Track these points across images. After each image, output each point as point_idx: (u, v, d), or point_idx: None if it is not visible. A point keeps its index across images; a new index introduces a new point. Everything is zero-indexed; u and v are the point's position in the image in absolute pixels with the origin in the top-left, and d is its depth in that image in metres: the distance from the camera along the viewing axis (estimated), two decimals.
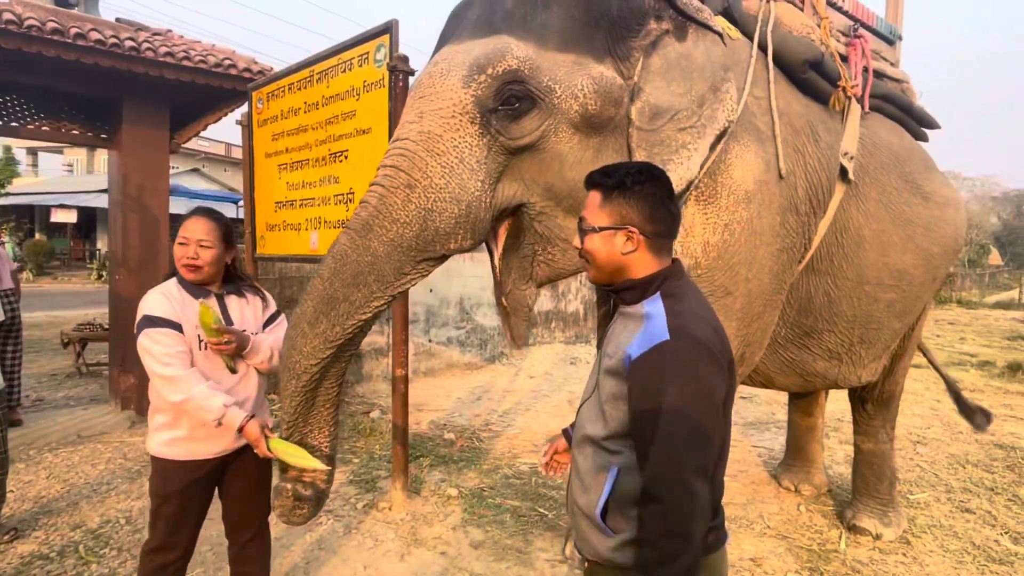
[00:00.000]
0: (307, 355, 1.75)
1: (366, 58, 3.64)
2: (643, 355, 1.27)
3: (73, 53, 4.44)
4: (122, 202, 5.35)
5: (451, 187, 1.74)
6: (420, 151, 1.76)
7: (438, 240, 1.77)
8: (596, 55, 1.89)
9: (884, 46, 3.33)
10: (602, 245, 1.38)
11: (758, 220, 2.19)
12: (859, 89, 2.72)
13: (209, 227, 2.08)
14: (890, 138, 2.89)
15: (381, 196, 1.75)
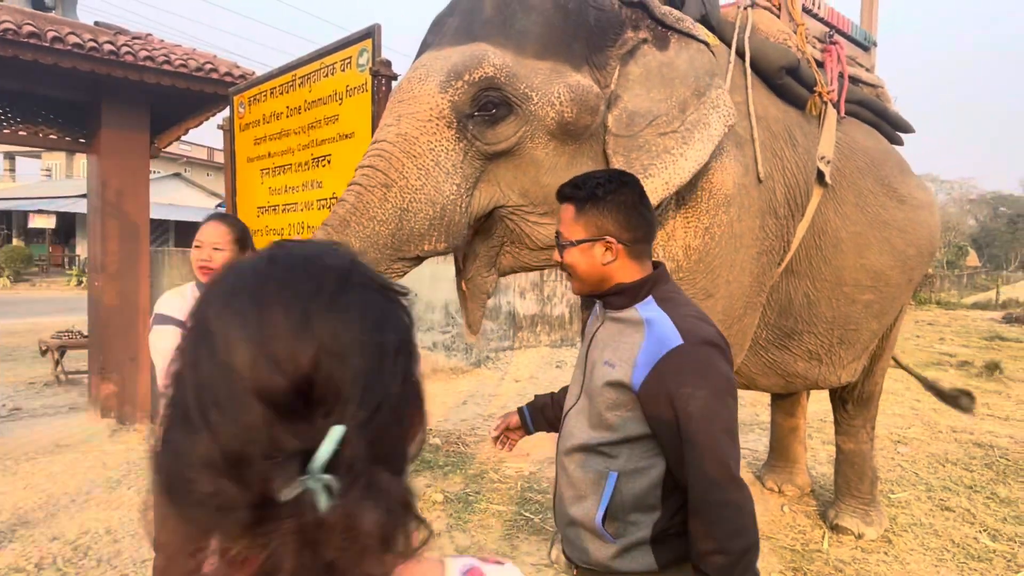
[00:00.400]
0: None
1: (349, 62, 3.63)
2: (661, 362, 1.27)
3: (50, 57, 4.39)
4: (101, 208, 5.29)
5: (426, 189, 1.77)
6: (397, 152, 1.78)
7: (412, 240, 1.80)
8: (574, 63, 1.92)
9: (859, 52, 3.40)
10: (581, 258, 1.38)
11: (738, 223, 2.22)
12: (835, 94, 2.78)
13: (222, 231, 2.17)
14: (866, 142, 2.95)
15: (359, 194, 1.77)
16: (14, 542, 3.22)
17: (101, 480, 4.11)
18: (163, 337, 2.06)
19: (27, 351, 8.77)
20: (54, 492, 3.90)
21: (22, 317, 12.12)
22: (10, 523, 3.44)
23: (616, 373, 1.34)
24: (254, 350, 0.48)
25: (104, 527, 3.40)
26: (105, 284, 5.36)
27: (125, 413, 5.39)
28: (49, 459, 4.48)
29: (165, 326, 2.08)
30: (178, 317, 2.09)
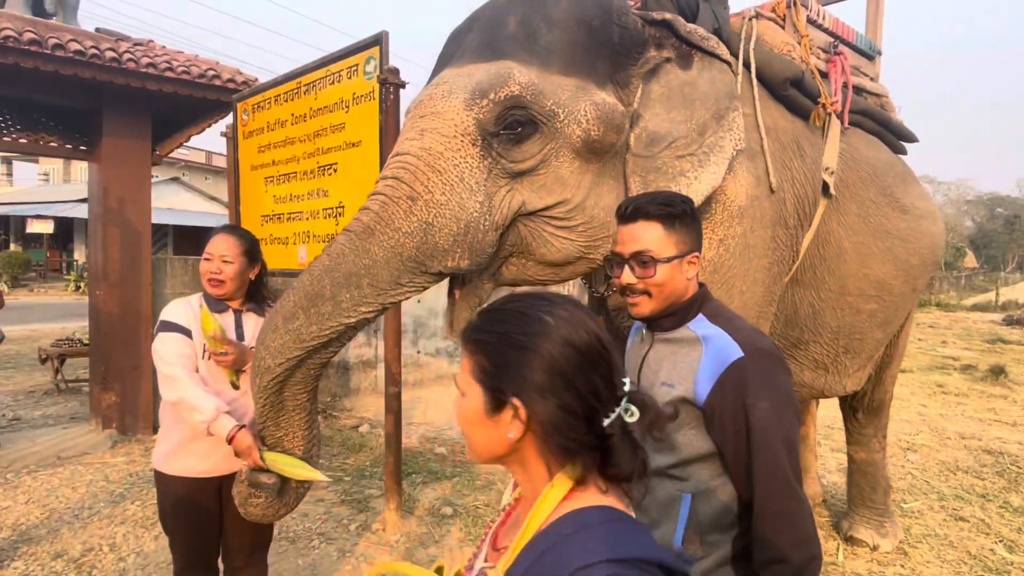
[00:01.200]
0: (273, 352, 1.68)
1: (355, 70, 3.58)
2: (724, 375, 1.30)
3: (51, 64, 4.34)
4: (102, 215, 5.23)
5: (451, 205, 1.73)
6: (422, 166, 1.74)
7: (436, 256, 1.75)
8: (598, 81, 1.90)
9: (864, 61, 3.39)
10: (672, 274, 1.41)
11: (751, 235, 2.22)
12: (839, 105, 2.78)
13: (231, 243, 2.16)
14: (869, 152, 2.96)
15: (384, 204, 1.72)
16: (16, 560, 3.16)
17: (104, 494, 4.05)
18: (166, 343, 2.06)
19: (26, 359, 8.70)
20: (56, 507, 3.84)
21: (20, 323, 12.04)
22: (12, 540, 3.38)
23: (677, 391, 1.36)
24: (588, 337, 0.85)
25: (108, 544, 3.34)
26: (107, 292, 5.31)
27: (127, 424, 5.32)
28: (50, 472, 4.42)
29: (170, 333, 2.07)
30: (183, 325, 2.09)
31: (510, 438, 0.84)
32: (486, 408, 0.85)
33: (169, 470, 2.11)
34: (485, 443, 0.87)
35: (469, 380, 0.86)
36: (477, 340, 0.86)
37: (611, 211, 1.92)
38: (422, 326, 7.75)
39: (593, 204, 1.90)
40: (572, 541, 0.78)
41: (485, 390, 0.85)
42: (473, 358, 0.86)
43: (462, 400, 0.88)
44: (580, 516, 0.81)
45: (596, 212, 1.91)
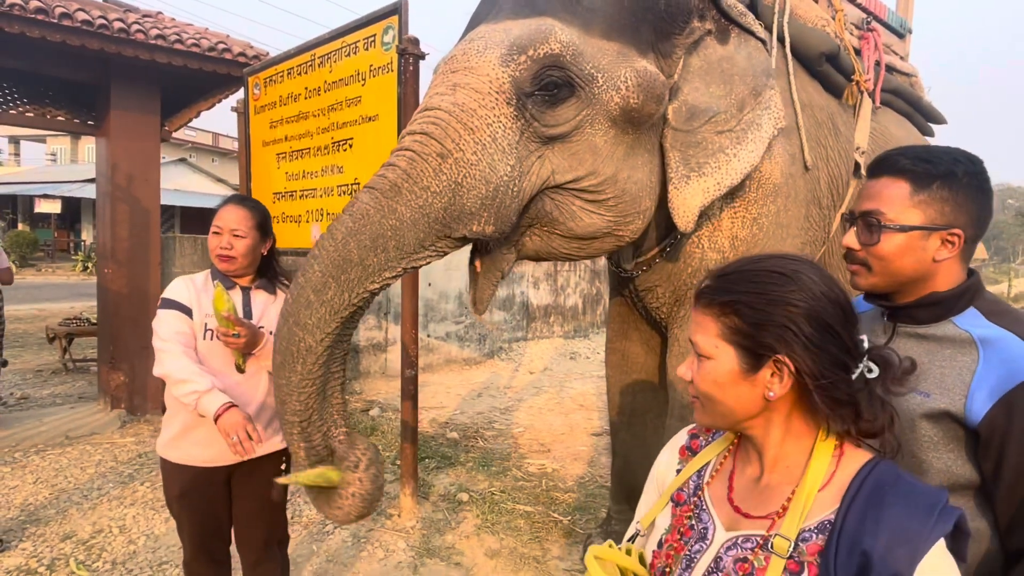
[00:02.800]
0: (313, 329, 1.49)
1: (373, 41, 3.44)
2: (1014, 394, 1.03)
3: (58, 34, 4.21)
4: (111, 192, 5.12)
5: (482, 166, 1.62)
6: (454, 122, 1.63)
7: (463, 219, 1.64)
8: (640, 48, 1.83)
9: (895, 39, 3.34)
10: (907, 249, 1.13)
11: (784, 213, 2.18)
12: (871, 83, 2.71)
13: (243, 215, 1.99)
14: (898, 133, 2.89)
15: (411, 160, 1.60)
16: (25, 541, 3.09)
17: (113, 475, 3.98)
18: (163, 320, 1.95)
19: (34, 338, 8.66)
20: (65, 487, 3.77)
21: (28, 303, 12.01)
22: (20, 520, 3.31)
23: (938, 403, 1.10)
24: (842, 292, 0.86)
25: (118, 525, 3.27)
26: (115, 271, 5.21)
27: (135, 404, 5.25)
28: (59, 452, 4.35)
29: (168, 311, 1.96)
30: (182, 302, 1.97)
31: (770, 397, 0.85)
32: (742, 368, 0.85)
33: (172, 457, 1.99)
34: (737, 404, 0.87)
35: (717, 342, 0.86)
36: (726, 302, 0.86)
37: (643, 186, 1.87)
38: (432, 309, 7.65)
39: (626, 177, 1.82)
40: (907, 484, 0.81)
41: (740, 350, 0.85)
42: (721, 320, 0.86)
43: (708, 363, 0.87)
44: (885, 464, 0.84)
45: (628, 186, 1.83)
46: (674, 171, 1.91)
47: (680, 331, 2.30)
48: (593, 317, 10.62)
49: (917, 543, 0.75)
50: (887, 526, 0.77)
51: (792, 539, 0.81)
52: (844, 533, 0.78)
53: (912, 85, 3.20)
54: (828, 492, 0.84)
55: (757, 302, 0.84)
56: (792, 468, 0.89)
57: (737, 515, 0.90)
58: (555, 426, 5.44)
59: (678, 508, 0.96)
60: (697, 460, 1.00)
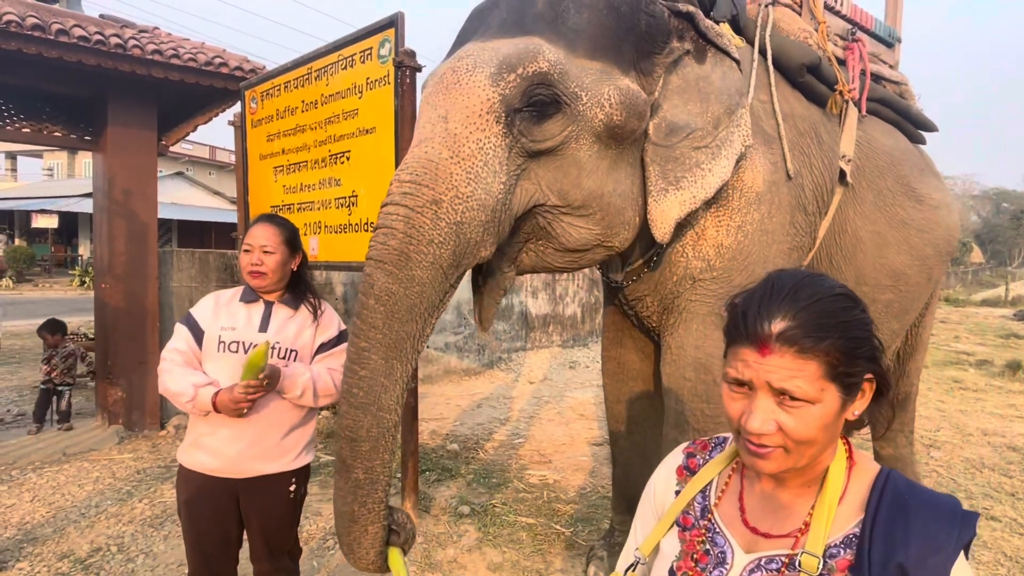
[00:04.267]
0: (393, 408, 1.60)
1: (369, 54, 3.45)
2: None
3: (55, 51, 4.22)
4: (108, 207, 5.12)
5: (477, 194, 1.68)
6: (444, 159, 1.68)
7: (470, 251, 1.71)
8: (622, 67, 1.91)
9: (883, 49, 3.35)
10: None
11: (769, 220, 2.25)
12: (856, 92, 2.76)
13: (271, 232, 2.07)
14: (886, 141, 2.94)
15: (408, 218, 1.63)
16: (22, 560, 3.06)
17: (111, 492, 3.95)
18: (174, 336, 2.04)
19: (31, 353, 8.61)
20: (62, 504, 3.73)
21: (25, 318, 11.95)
22: (17, 539, 3.28)
23: None
24: None
25: (116, 544, 3.24)
26: (112, 285, 5.20)
27: (133, 420, 5.22)
28: (56, 469, 4.32)
29: (179, 326, 2.05)
30: (196, 319, 2.04)
31: (855, 415, 0.85)
32: (843, 401, 0.83)
33: (185, 462, 2.04)
34: (830, 439, 0.85)
35: (823, 385, 0.80)
36: (824, 344, 0.80)
37: (627, 198, 1.97)
38: None
39: (611, 191, 1.90)
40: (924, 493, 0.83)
41: (841, 385, 0.82)
42: (823, 360, 0.80)
43: (812, 408, 0.80)
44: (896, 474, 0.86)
45: (612, 199, 1.91)
46: (653, 184, 1.98)
47: (672, 339, 2.33)
48: (592, 326, 10.61)
49: (948, 551, 0.77)
50: (917, 536, 0.78)
51: (820, 555, 0.80)
52: (875, 546, 0.78)
53: (902, 94, 3.24)
54: (847, 505, 0.84)
55: (850, 331, 0.82)
56: (808, 482, 0.87)
57: (755, 535, 0.88)
58: (555, 436, 5.42)
59: (687, 532, 0.94)
60: (698, 480, 0.97)
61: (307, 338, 2.09)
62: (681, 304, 2.30)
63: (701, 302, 2.26)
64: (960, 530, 0.78)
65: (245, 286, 2.11)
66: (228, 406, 1.87)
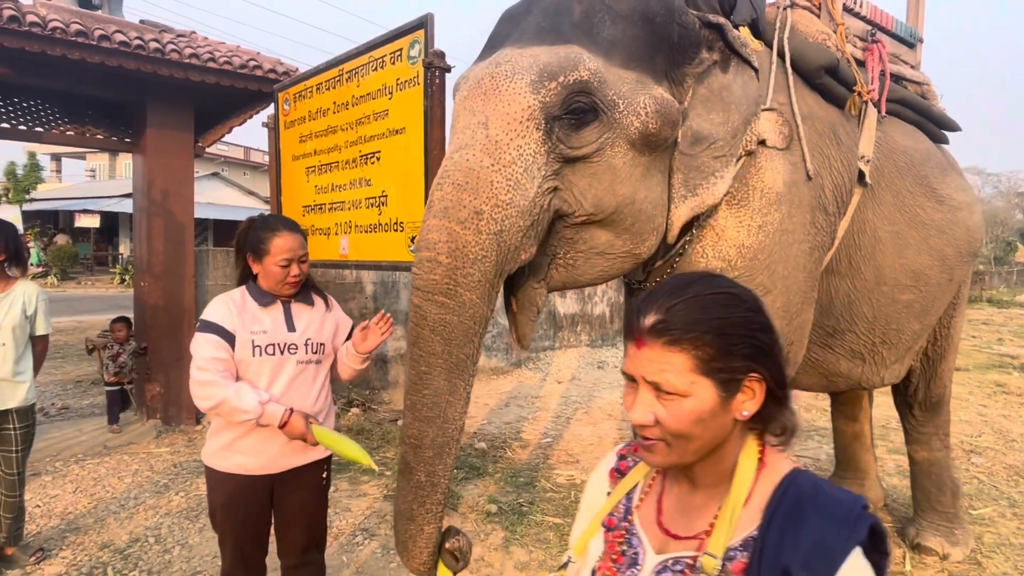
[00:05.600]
0: (457, 419, 1.69)
1: (399, 55, 3.49)
2: None
3: (98, 56, 4.35)
4: (147, 208, 5.26)
5: (516, 201, 1.72)
6: (486, 167, 1.71)
7: (511, 257, 1.74)
8: (655, 77, 1.94)
9: (904, 49, 3.31)
10: None
11: (789, 220, 2.27)
12: (876, 93, 2.75)
13: (300, 239, 2.10)
14: (906, 142, 2.93)
15: (451, 238, 1.66)
16: (65, 549, 3.17)
17: (149, 484, 4.06)
18: (202, 345, 1.97)
19: (74, 348, 8.91)
20: (103, 496, 3.85)
21: (69, 315, 12.37)
22: (60, 529, 3.40)
23: None
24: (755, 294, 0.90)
25: (153, 536, 3.33)
26: (151, 284, 5.34)
27: (171, 415, 5.36)
28: (97, 461, 4.46)
29: (207, 334, 1.98)
30: (223, 326, 1.99)
31: (744, 416, 0.84)
32: (721, 397, 0.83)
33: (220, 467, 2.05)
34: (715, 436, 0.85)
35: (693, 378, 0.82)
36: (692, 336, 0.81)
37: (656, 204, 1.99)
38: None
39: (643, 198, 1.93)
40: (824, 495, 0.81)
41: (716, 380, 0.82)
42: (691, 354, 0.81)
43: (684, 402, 0.82)
44: (803, 476, 0.85)
45: (643, 206, 1.94)
46: (676, 192, 2.03)
47: None
48: (620, 325, 10.54)
49: (834, 554, 0.76)
50: (806, 539, 0.77)
51: (719, 557, 0.80)
52: (766, 549, 0.78)
53: (923, 94, 3.21)
54: (752, 507, 0.83)
55: (725, 327, 0.82)
56: (718, 482, 0.88)
57: (667, 537, 0.89)
58: (583, 436, 5.40)
59: (610, 534, 0.94)
60: (626, 482, 0.98)
61: (329, 329, 2.21)
62: None
63: None
64: (851, 532, 0.77)
65: (254, 289, 2.10)
66: (294, 435, 1.93)
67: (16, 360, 2.91)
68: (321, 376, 2.17)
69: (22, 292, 2.96)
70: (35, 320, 3.01)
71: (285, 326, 2.08)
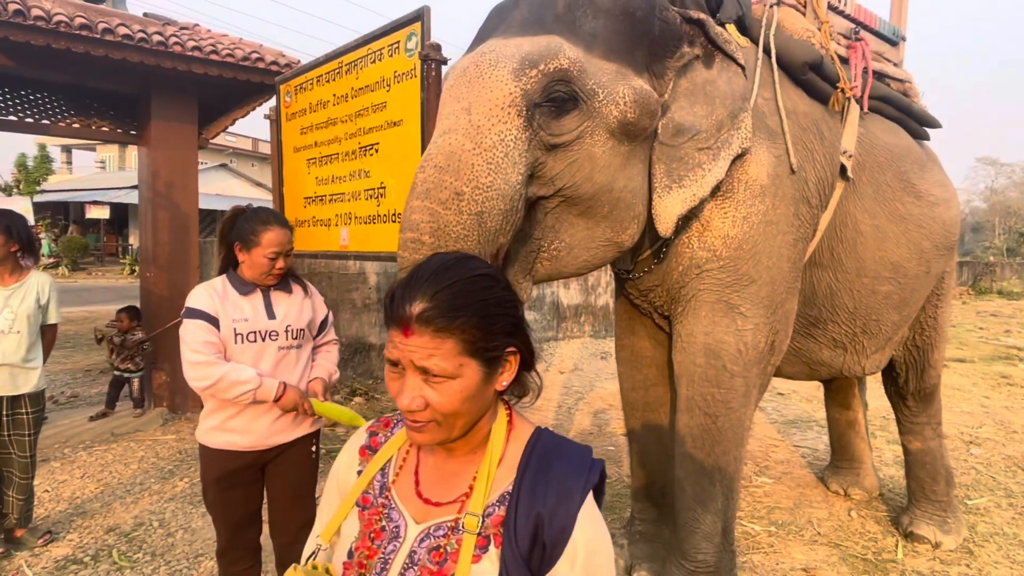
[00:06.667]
0: None
1: (397, 47, 3.52)
2: None
3: (101, 49, 4.40)
4: (152, 199, 5.33)
5: (497, 184, 1.76)
6: (467, 150, 1.75)
7: (490, 240, 1.78)
8: (636, 69, 2.01)
9: (887, 47, 3.37)
10: None
11: (773, 211, 2.33)
12: (858, 90, 2.81)
13: (290, 235, 2.19)
14: (887, 138, 2.99)
15: (433, 217, 1.71)
16: (71, 532, 3.26)
17: (154, 470, 4.15)
18: (191, 330, 2.04)
19: (84, 338, 9.03)
20: (109, 481, 3.94)
21: (79, 305, 12.52)
22: (68, 513, 3.49)
23: None
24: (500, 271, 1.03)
25: (158, 519, 3.42)
26: (156, 274, 5.42)
27: (177, 403, 5.45)
28: (104, 448, 4.55)
29: (195, 320, 2.05)
30: (208, 312, 2.07)
31: (504, 386, 0.91)
32: (485, 375, 0.87)
33: (213, 444, 2.13)
34: (479, 411, 0.90)
35: (461, 360, 0.85)
36: (457, 322, 0.84)
37: (636, 193, 2.06)
38: None
39: (621, 187, 1.99)
40: (565, 449, 0.92)
41: (481, 360, 0.86)
42: (459, 338, 0.84)
43: (451, 384, 0.85)
44: (546, 434, 0.95)
45: (623, 194, 2.00)
46: (658, 181, 2.09)
47: (682, 327, 2.43)
48: None
49: (575, 497, 0.86)
50: (553, 488, 0.87)
51: (480, 514, 0.87)
52: (521, 500, 0.86)
53: (906, 91, 3.27)
54: (505, 466, 0.91)
55: (486, 309, 0.86)
56: (473, 449, 0.93)
57: (427, 506, 0.92)
58: (584, 426, 5.45)
59: (365, 512, 0.95)
60: (378, 458, 0.99)
61: (307, 316, 2.28)
62: (689, 293, 2.38)
63: (709, 290, 2.34)
64: (587, 477, 0.88)
65: (234, 278, 2.17)
66: (288, 407, 2.05)
67: (29, 347, 3.02)
68: (303, 360, 2.25)
69: (36, 282, 3.07)
70: (47, 310, 3.11)
71: (265, 313, 2.15)
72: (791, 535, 3.42)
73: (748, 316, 2.35)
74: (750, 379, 2.39)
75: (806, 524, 3.56)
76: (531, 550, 0.84)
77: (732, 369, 2.34)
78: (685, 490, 2.45)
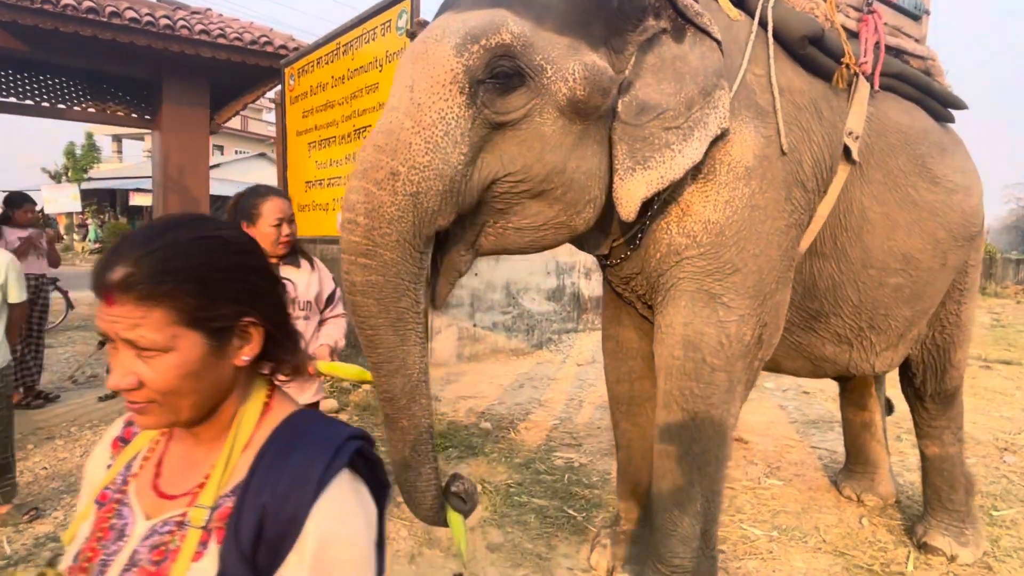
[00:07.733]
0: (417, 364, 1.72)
1: (388, 26, 3.44)
2: None
3: (109, 32, 4.44)
4: (164, 183, 5.39)
5: (434, 163, 1.70)
6: (406, 129, 1.69)
7: (427, 221, 1.72)
8: (591, 43, 1.89)
9: (907, 22, 3.07)
10: None
11: (760, 195, 2.18)
12: (868, 66, 2.58)
13: (288, 203, 2.29)
14: (901, 119, 2.75)
15: (368, 198, 1.66)
16: (58, 510, 3.29)
17: None
18: None
19: None
20: None
21: None
22: (59, 490, 3.53)
23: None
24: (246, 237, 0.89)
25: None
26: None
27: None
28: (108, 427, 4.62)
29: None
30: None
31: (244, 362, 0.82)
32: (211, 347, 0.78)
33: None
34: (214, 387, 0.81)
35: (174, 331, 0.76)
36: (165, 286, 0.75)
37: (591, 175, 1.93)
38: (479, 299, 7.65)
39: (574, 168, 1.88)
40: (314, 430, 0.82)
41: (203, 330, 0.78)
42: (168, 306, 0.75)
43: (166, 358, 0.76)
44: (302, 415, 0.85)
45: (576, 176, 1.89)
46: (620, 163, 1.95)
47: (661, 317, 2.29)
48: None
49: (312, 484, 0.75)
50: (288, 475, 0.76)
51: (209, 507, 0.77)
52: (250, 490, 0.76)
53: (928, 70, 3.00)
54: (250, 452, 0.80)
55: (208, 273, 0.77)
56: (219, 433, 0.83)
57: (161, 499, 0.82)
58: (592, 419, 5.31)
59: (101, 510, 0.85)
60: (128, 451, 0.89)
61: (315, 289, 2.42)
62: (668, 282, 2.24)
63: (689, 279, 2.19)
64: (333, 459, 0.77)
65: None
66: None
67: None
68: (310, 331, 2.39)
69: None
70: (7, 289, 3.13)
71: None
72: (794, 541, 3.24)
73: (732, 307, 2.19)
74: (733, 374, 2.23)
75: (812, 530, 3.37)
76: (256, 545, 0.74)
77: (713, 363, 2.19)
78: (662, 490, 2.31)
